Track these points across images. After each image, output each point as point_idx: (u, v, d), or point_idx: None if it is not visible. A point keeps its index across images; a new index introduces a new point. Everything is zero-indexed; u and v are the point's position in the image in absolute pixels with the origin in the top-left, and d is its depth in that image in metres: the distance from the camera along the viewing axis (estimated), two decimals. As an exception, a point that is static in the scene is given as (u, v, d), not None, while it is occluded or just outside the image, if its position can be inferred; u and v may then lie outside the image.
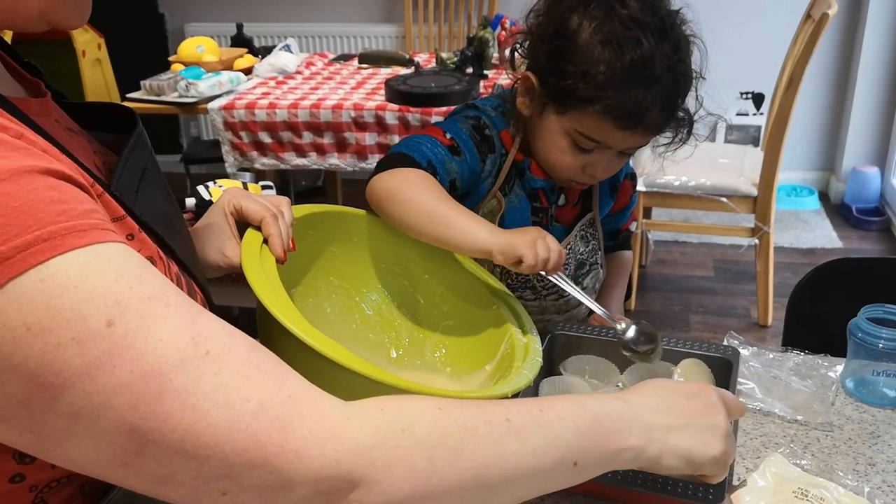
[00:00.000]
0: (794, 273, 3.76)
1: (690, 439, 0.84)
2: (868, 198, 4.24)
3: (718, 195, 3.25)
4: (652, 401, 0.84)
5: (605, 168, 1.30)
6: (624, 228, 1.56)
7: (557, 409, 0.77)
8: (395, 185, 1.20)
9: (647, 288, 3.66)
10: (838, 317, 1.36)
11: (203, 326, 0.66)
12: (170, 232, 0.87)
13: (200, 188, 3.00)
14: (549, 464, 0.74)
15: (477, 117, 1.34)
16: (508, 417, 0.73)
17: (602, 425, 0.78)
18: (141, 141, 0.90)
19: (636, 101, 1.17)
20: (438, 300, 1.29)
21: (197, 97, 3.10)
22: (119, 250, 0.66)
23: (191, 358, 0.64)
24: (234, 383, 0.65)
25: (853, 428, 1.18)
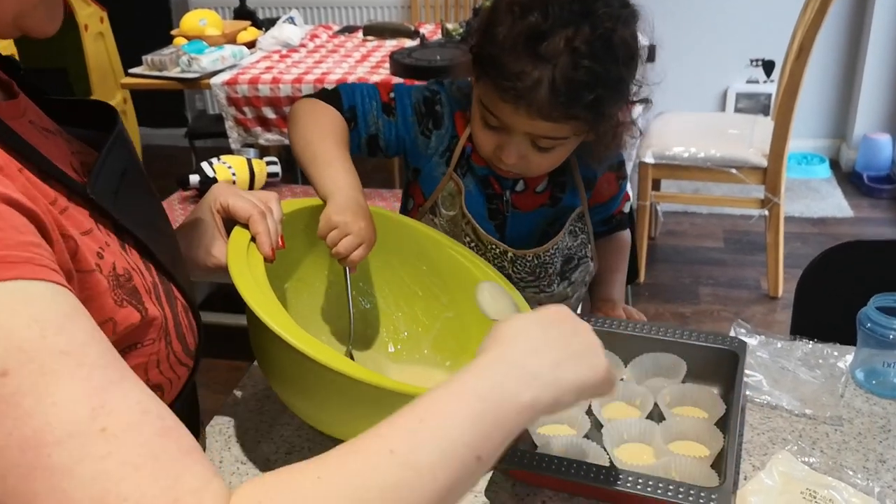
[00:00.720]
0: (804, 243, 3.73)
1: (577, 368, 0.77)
2: (879, 165, 4.18)
3: (728, 166, 3.21)
4: (525, 345, 0.77)
5: (513, 154, 1.22)
6: (617, 212, 1.51)
7: (439, 411, 0.68)
8: (305, 114, 1.24)
9: (656, 260, 3.63)
10: (849, 301, 1.33)
11: (112, 397, 0.58)
12: (152, 235, 0.84)
13: (204, 165, 2.98)
14: (453, 475, 0.65)
15: (434, 92, 1.33)
16: (391, 449, 0.63)
17: (491, 402, 0.70)
18: (121, 140, 0.87)
19: (521, 72, 1.11)
20: (437, 291, 1.27)
21: (199, 72, 3.07)
22: (48, 292, 0.60)
23: (81, 433, 0.56)
24: (119, 474, 0.56)
25: (863, 421, 1.16)
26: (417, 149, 1.33)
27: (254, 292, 0.92)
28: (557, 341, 0.78)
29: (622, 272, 1.52)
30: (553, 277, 1.39)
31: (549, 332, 0.79)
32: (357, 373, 0.87)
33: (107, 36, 3.94)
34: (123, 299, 0.75)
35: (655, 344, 1.23)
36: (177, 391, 0.85)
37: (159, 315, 0.80)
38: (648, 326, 1.25)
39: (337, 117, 1.25)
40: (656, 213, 3.76)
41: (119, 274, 0.76)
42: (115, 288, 0.74)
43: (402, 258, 1.26)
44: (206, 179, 2.94)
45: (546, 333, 0.79)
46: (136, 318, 0.76)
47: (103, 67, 3.97)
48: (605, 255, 1.51)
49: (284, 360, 0.97)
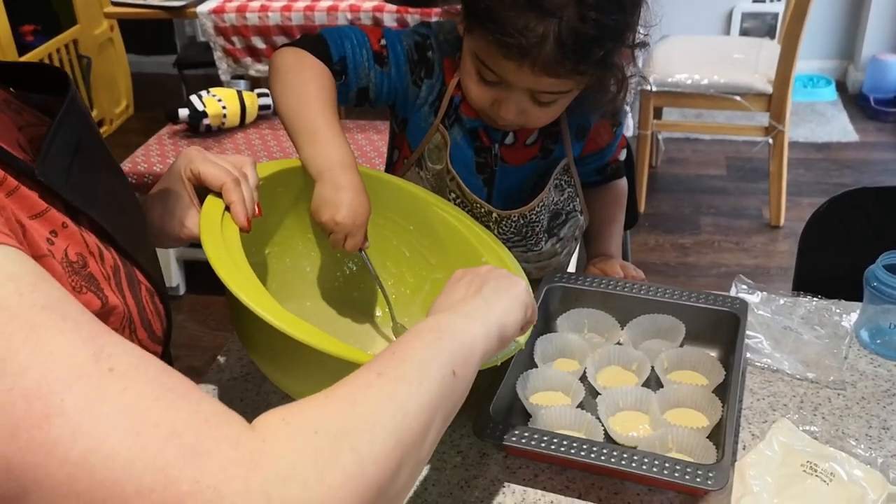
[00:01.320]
0: (807, 169, 3.67)
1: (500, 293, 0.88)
2: (887, 87, 4.08)
3: (732, 93, 3.12)
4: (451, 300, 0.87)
5: (512, 109, 1.15)
6: (612, 160, 1.43)
7: (404, 343, 0.74)
8: (290, 65, 1.16)
9: (657, 189, 3.57)
10: (854, 252, 1.29)
11: (108, 342, 0.57)
12: (110, 214, 0.79)
13: (193, 98, 2.91)
14: (437, 387, 0.70)
15: (425, 36, 1.24)
16: (378, 372, 0.68)
17: (446, 331, 0.77)
18: (73, 109, 0.81)
19: (524, 28, 1.03)
20: (426, 252, 1.22)
21: (184, 0, 2.96)
22: (12, 255, 0.58)
23: (89, 374, 0.54)
24: (141, 405, 0.54)
25: (867, 385, 1.12)
26: (408, 99, 1.26)
27: (230, 270, 0.87)
28: (472, 287, 0.89)
29: (619, 223, 1.46)
30: (541, 235, 1.33)
31: (462, 286, 0.90)
32: (339, 350, 0.83)
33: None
34: (82, 285, 0.71)
35: (654, 305, 1.19)
36: None
37: (120, 304, 0.75)
38: (646, 287, 1.21)
39: (324, 73, 1.15)
40: (657, 142, 3.69)
41: (72, 260, 0.71)
42: (70, 274, 0.70)
43: (388, 218, 1.21)
44: (196, 113, 2.86)
45: (461, 288, 0.89)
46: (96, 305, 0.72)
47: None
48: (600, 206, 1.45)
49: (264, 338, 0.93)
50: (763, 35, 4.19)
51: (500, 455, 1.03)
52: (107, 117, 4.19)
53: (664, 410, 1.07)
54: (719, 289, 2.91)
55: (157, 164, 2.75)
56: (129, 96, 4.39)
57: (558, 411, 1.05)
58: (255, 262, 1.11)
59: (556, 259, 1.40)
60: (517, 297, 0.89)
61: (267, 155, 2.80)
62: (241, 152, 2.82)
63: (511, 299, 0.88)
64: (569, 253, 1.44)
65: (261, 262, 1.14)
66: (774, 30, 4.19)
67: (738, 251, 3.18)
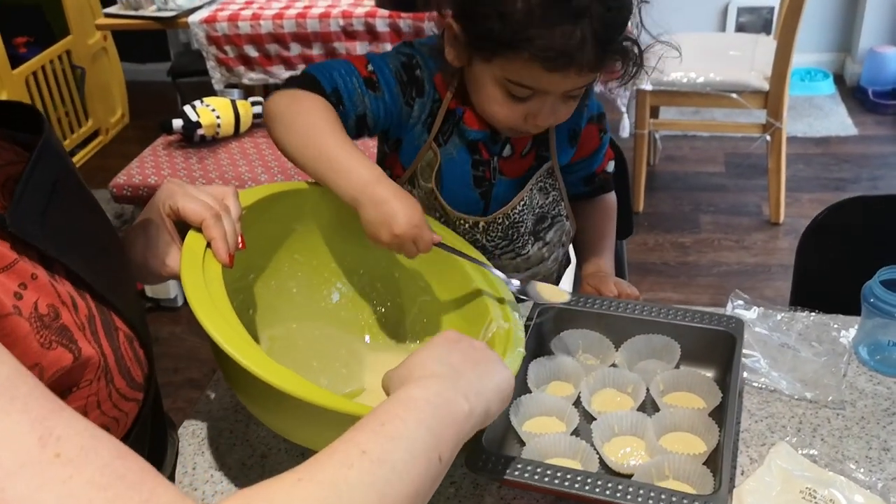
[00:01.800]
0: (807, 164, 3.65)
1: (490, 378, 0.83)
2: (885, 80, 4.06)
3: (728, 91, 3.10)
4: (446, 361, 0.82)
5: (548, 115, 1.16)
6: (599, 171, 1.42)
7: (396, 415, 0.71)
8: (286, 106, 1.13)
9: (655, 188, 3.55)
10: (852, 264, 1.27)
11: (58, 424, 0.54)
12: (86, 258, 0.77)
13: (187, 109, 2.89)
14: (422, 473, 0.68)
15: (410, 55, 1.22)
16: (363, 450, 0.65)
17: (438, 405, 0.74)
18: (47, 150, 0.78)
19: (563, 38, 1.03)
20: (415, 275, 1.20)
21: (176, 10, 2.96)
22: None
23: (35, 462, 0.52)
24: (87, 495, 0.52)
25: (866, 404, 1.10)
26: (402, 119, 1.24)
27: (209, 312, 0.85)
28: (466, 359, 0.84)
29: (610, 238, 1.44)
30: (526, 238, 1.33)
31: (455, 355, 0.84)
32: (325, 400, 0.82)
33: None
34: (52, 340, 0.69)
35: (648, 325, 1.17)
36: (125, 429, 0.79)
37: (96, 354, 0.73)
38: (641, 307, 1.19)
39: (323, 103, 1.13)
40: (655, 141, 3.67)
41: (42, 314, 0.69)
42: (39, 329, 0.68)
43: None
44: (190, 124, 2.85)
45: (453, 356, 0.84)
46: (67, 359, 0.70)
47: (79, 4, 3.85)
48: (590, 221, 1.43)
49: (243, 381, 0.91)
50: (759, 29, 4.16)
51: (495, 486, 1.02)
52: (102, 127, 4.18)
53: (660, 435, 1.05)
54: (720, 289, 2.94)
55: (151, 175, 2.74)
56: (125, 105, 4.37)
57: (552, 439, 1.03)
58: (242, 287, 1.10)
59: (543, 265, 1.39)
60: (503, 387, 0.85)
61: (262, 163, 2.79)
62: (236, 161, 2.81)
63: (497, 386, 0.84)
64: (556, 259, 1.42)
65: (247, 285, 1.13)
66: (770, 24, 4.16)
67: (739, 249, 3.16)
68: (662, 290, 2.96)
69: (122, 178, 2.74)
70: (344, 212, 1.17)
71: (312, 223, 1.16)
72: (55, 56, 3.79)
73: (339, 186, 1.06)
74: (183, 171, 2.77)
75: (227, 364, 0.86)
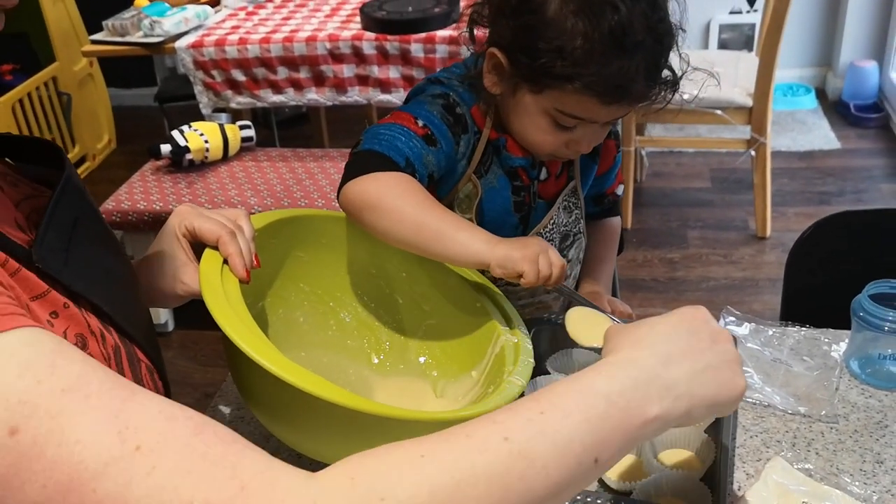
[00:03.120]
0: (791, 179, 3.68)
1: (714, 383, 0.72)
2: (866, 94, 4.11)
3: (713, 108, 3.13)
4: (662, 349, 0.72)
5: (590, 141, 1.20)
6: (609, 192, 1.46)
7: (561, 405, 0.64)
8: (375, 192, 1.09)
9: (643, 204, 3.58)
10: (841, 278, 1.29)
11: (133, 414, 0.57)
12: (108, 293, 0.79)
13: (175, 133, 2.91)
14: (566, 473, 0.62)
15: (445, 94, 1.22)
16: (506, 436, 0.61)
17: (617, 406, 0.66)
18: (70, 187, 0.81)
19: (620, 72, 1.06)
20: (419, 299, 1.21)
21: (163, 36, 2.95)
22: (26, 338, 0.58)
23: (117, 458, 0.54)
24: (172, 482, 0.54)
25: (859, 417, 1.12)
26: (455, 160, 1.24)
27: (233, 321, 0.86)
28: (695, 348, 0.73)
29: (611, 263, 1.47)
30: None
31: (687, 339, 0.74)
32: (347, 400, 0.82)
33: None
34: None
35: (642, 343, 1.18)
36: None
37: None
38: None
39: (410, 180, 1.11)
40: (641, 158, 3.70)
41: (71, 343, 0.70)
42: None
43: (381, 267, 1.21)
44: (178, 149, 2.86)
45: (683, 340, 0.73)
46: None
47: (65, 31, 3.85)
48: (593, 243, 1.46)
49: (268, 391, 0.92)
50: (741, 46, 4.21)
51: None
52: (89, 153, 4.18)
53: (657, 452, 1.06)
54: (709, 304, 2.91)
55: (140, 201, 2.74)
56: (112, 130, 4.37)
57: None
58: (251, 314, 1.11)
59: (566, 282, 1.39)
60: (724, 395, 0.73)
61: (251, 187, 2.80)
62: (226, 185, 2.82)
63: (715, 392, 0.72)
64: (575, 277, 1.45)
65: (256, 314, 1.13)
66: (752, 41, 4.21)
67: (727, 264, 3.18)
68: (652, 306, 2.98)
69: (110, 204, 2.75)
70: (345, 239, 1.19)
71: (315, 251, 1.17)
72: (41, 83, 3.79)
73: (460, 255, 1.07)
74: (172, 195, 2.77)
75: (250, 374, 0.87)
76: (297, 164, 2.94)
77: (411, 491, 0.57)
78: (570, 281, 1.43)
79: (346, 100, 2.95)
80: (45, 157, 0.87)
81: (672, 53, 1.16)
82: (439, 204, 1.10)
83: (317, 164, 2.93)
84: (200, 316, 0.88)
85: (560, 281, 1.08)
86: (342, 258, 1.20)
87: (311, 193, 2.73)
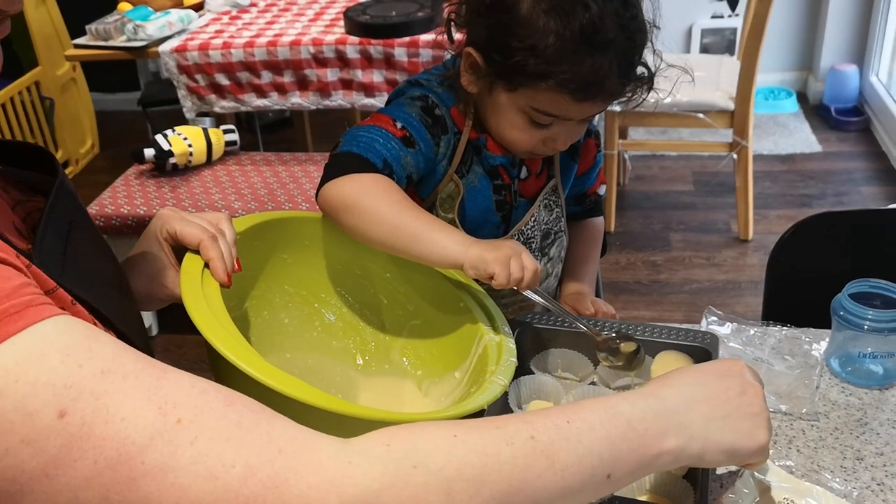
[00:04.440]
0: (773, 182, 3.71)
1: (733, 432, 0.78)
2: (847, 97, 4.15)
3: (695, 111, 3.16)
4: (687, 391, 0.78)
5: (566, 139, 1.21)
6: (591, 192, 1.47)
7: (587, 419, 0.70)
8: (352, 193, 1.10)
9: (625, 207, 3.60)
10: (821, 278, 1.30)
11: (169, 390, 0.60)
12: (103, 294, 0.80)
13: (159, 137, 2.90)
14: (580, 480, 0.68)
15: (424, 97, 1.23)
16: (533, 435, 0.66)
17: (636, 431, 0.72)
18: (63, 191, 0.83)
19: (592, 69, 1.08)
20: (403, 299, 1.22)
21: (146, 40, 2.95)
22: (61, 325, 0.61)
23: (161, 431, 0.58)
24: (214, 449, 0.59)
25: (839, 415, 1.13)
26: (435, 161, 1.25)
27: (213, 326, 0.86)
28: (720, 397, 0.79)
29: (594, 263, 1.47)
30: (536, 255, 1.36)
31: (716, 386, 0.79)
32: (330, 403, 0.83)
33: (49, 2, 3.79)
34: None
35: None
36: None
37: None
38: (618, 325, 1.21)
39: (387, 182, 1.12)
40: (624, 161, 3.72)
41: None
42: None
43: (365, 268, 1.21)
44: (162, 153, 2.86)
45: (709, 387, 0.79)
46: None
47: (48, 35, 3.84)
48: (576, 243, 1.46)
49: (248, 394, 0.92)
50: (723, 50, 4.24)
51: None
52: (72, 157, 4.16)
53: (641, 451, 1.07)
54: (692, 306, 2.97)
55: (124, 205, 2.74)
56: (94, 135, 4.36)
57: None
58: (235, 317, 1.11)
59: (547, 282, 1.41)
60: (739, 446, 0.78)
61: (235, 191, 2.80)
62: (209, 189, 2.81)
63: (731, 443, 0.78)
64: (556, 275, 1.45)
65: (240, 316, 1.14)
66: (734, 45, 4.24)
67: (709, 266, 3.20)
68: (635, 309, 2.99)
69: (94, 209, 2.74)
70: (329, 241, 1.19)
71: (299, 253, 1.18)
72: (23, 87, 3.78)
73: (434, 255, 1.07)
74: (156, 199, 2.77)
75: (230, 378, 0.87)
76: (280, 168, 2.94)
77: (441, 463, 0.62)
78: (553, 279, 1.44)
79: (330, 104, 2.96)
80: (31, 162, 0.88)
81: (648, 52, 1.18)
82: (416, 205, 1.11)
83: (300, 167, 2.93)
84: (184, 320, 0.88)
85: (532, 285, 1.09)
86: (326, 260, 1.21)
87: (296, 197, 2.73)
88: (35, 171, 0.88)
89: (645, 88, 1.19)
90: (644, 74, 1.18)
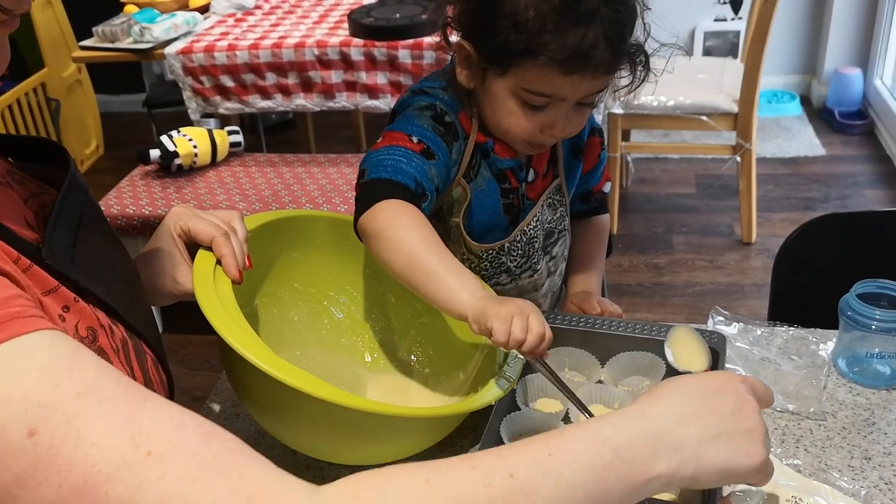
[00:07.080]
0: (776, 185, 3.71)
1: (726, 450, 0.72)
2: (851, 100, 4.15)
3: (698, 114, 3.16)
4: (676, 409, 0.72)
5: (564, 124, 1.19)
6: (596, 189, 1.46)
7: (568, 450, 0.66)
8: (381, 221, 1.08)
9: (628, 209, 3.60)
10: (827, 279, 1.31)
11: (145, 420, 0.59)
12: (114, 288, 0.81)
13: (164, 139, 2.91)
14: None
15: (432, 105, 1.22)
16: (511, 473, 0.62)
17: (623, 459, 0.67)
18: (74, 185, 0.84)
19: (577, 40, 1.08)
20: (411, 297, 1.22)
21: (152, 42, 2.96)
22: (45, 341, 0.60)
23: (129, 463, 0.56)
24: (180, 489, 0.56)
25: (847, 415, 1.14)
26: (451, 169, 1.24)
27: (225, 321, 0.88)
28: (713, 414, 0.73)
29: (600, 261, 1.47)
30: (540, 254, 1.36)
31: (708, 402, 0.74)
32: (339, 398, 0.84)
33: (55, 4, 3.80)
34: None
35: (633, 342, 1.19)
36: None
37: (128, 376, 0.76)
38: (624, 324, 1.22)
39: (413, 211, 1.09)
40: (627, 163, 3.72)
41: (82, 336, 0.73)
42: None
43: (373, 266, 1.22)
44: (167, 154, 2.87)
45: (703, 402, 0.74)
46: None
47: (54, 37, 3.85)
48: (582, 242, 1.46)
49: (262, 389, 0.94)
50: (726, 53, 4.24)
51: None
52: (77, 159, 4.17)
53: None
54: (695, 309, 2.97)
55: (129, 206, 2.75)
56: (100, 136, 4.37)
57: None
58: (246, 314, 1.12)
59: (551, 280, 1.41)
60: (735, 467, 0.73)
61: (240, 192, 2.80)
62: (214, 190, 2.82)
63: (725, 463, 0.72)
64: (560, 273, 1.45)
65: (250, 313, 1.15)
66: (737, 47, 4.24)
67: (712, 269, 3.21)
68: (638, 311, 2.99)
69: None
70: (337, 239, 1.20)
71: (308, 251, 1.19)
72: (30, 89, 3.78)
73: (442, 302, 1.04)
74: (161, 200, 2.77)
75: (243, 373, 0.88)
76: (284, 169, 2.94)
77: None
78: (557, 277, 1.44)
79: (334, 105, 2.96)
80: (45, 157, 0.89)
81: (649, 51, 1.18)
82: (441, 244, 1.08)
83: (304, 168, 2.93)
84: (188, 320, 0.89)
85: (536, 350, 1.00)
86: (335, 258, 1.21)
87: (300, 198, 2.74)
88: (49, 166, 0.89)
89: (641, 68, 1.19)
90: (637, 52, 1.16)
